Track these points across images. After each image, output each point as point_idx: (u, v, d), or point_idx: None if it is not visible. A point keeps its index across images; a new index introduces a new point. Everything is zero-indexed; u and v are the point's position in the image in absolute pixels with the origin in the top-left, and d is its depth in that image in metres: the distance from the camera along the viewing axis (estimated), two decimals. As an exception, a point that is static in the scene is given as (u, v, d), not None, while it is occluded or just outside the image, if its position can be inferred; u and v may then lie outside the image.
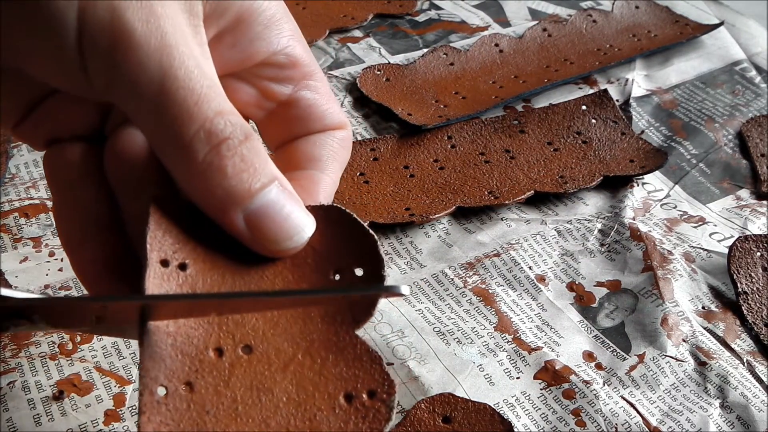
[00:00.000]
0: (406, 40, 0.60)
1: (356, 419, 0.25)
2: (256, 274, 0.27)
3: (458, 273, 0.42)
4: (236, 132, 0.25)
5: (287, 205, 0.26)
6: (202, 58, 0.25)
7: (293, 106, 0.30)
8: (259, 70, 0.30)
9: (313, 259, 0.27)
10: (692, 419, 0.35)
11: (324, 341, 0.26)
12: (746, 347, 0.39)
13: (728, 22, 0.62)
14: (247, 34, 0.28)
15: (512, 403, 0.35)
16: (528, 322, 0.39)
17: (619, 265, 0.42)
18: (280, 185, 0.26)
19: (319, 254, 0.27)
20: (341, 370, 0.25)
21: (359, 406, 0.25)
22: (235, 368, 0.25)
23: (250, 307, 0.26)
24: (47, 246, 0.42)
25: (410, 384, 0.36)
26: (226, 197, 0.25)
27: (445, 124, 0.50)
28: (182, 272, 0.26)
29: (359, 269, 0.27)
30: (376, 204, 0.45)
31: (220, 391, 0.25)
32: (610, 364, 0.37)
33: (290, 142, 0.31)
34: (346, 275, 0.27)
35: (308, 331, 0.26)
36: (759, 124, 0.53)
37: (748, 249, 0.42)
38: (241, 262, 0.27)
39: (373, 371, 0.25)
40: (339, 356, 0.25)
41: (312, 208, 0.27)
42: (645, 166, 0.48)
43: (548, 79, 0.55)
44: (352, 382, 0.25)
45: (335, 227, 0.28)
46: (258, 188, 0.25)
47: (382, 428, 0.24)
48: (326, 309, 0.26)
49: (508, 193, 0.46)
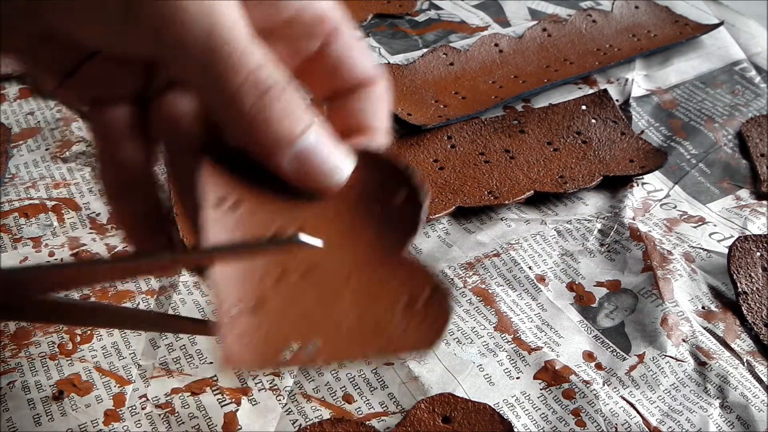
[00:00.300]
0: (405, 40, 0.60)
1: (419, 321, 0.27)
2: (302, 210, 0.29)
3: (458, 273, 0.42)
4: (279, 82, 0.27)
5: (327, 145, 0.28)
6: (239, 14, 0.27)
7: (321, 61, 0.32)
8: (286, 27, 0.31)
9: (356, 193, 0.30)
10: (692, 419, 0.35)
11: (377, 258, 0.28)
12: (746, 347, 0.39)
13: (728, 22, 0.62)
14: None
15: (512, 403, 0.35)
16: (528, 322, 0.39)
17: (619, 265, 0.42)
18: (318, 128, 0.28)
19: (359, 190, 0.29)
20: (397, 281, 0.27)
21: (420, 308, 0.27)
22: (299, 288, 0.27)
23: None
24: (47, 246, 0.42)
25: (410, 384, 0.36)
26: (273, 142, 0.27)
27: (445, 124, 0.50)
28: (235, 211, 0.28)
29: (398, 196, 0.29)
30: (375, 204, 0.45)
31: (289, 307, 0.27)
32: (610, 364, 0.37)
33: (330, 99, 0.32)
34: (386, 205, 0.29)
35: (360, 252, 0.28)
36: (759, 124, 0.53)
37: (748, 249, 0.42)
38: (287, 200, 0.29)
39: (426, 279, 0.27)
40: (393, 269, 0.28)
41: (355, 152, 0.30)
42: (645, 166, 0.48)
43: (548, 79, 0.55)
44: (409, 290, 0.27)
45: (373, 165, 0.30)
46: (300, 132, 0.28)
47: (442, 329, 0.26)
48: (372, 233, 0.29)
49: (507, 193, 0.46)
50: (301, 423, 0.34)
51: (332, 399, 0.35)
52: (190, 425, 0.34)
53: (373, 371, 0.36)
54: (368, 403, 0.35)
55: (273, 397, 0.35)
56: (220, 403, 0.35)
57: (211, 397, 0.35)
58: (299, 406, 0.35)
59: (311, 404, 0.35)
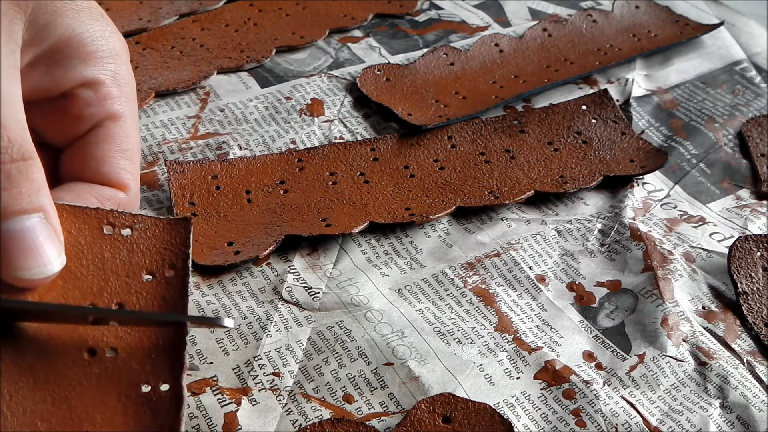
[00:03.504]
0: (406, 40, 0.60)
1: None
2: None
3: (458, 273, 0.42)
4: (11, 150, 0.26)
5: (41, 238, 0.27)
6: (5, 77, 0.27)
7: (84, 146, 0.32)
8: (61, 100, 0.31)
9: (119, 268, 0.30)
10: (692, 419, 0.35)
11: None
12: (746, 347, 0.39)
13: (728, 22, 0.62)
14: (64, 63, 0.30)
15: (512, 403, 0.35)
16: (528, 322, 0.39)
17: (619, 265, 0.42)
18: (43, 218, 0.27)
19: (123, 264, 0.30)
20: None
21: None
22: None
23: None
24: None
25: (410, 384, 0.36)
26: None
27: (446, 124, 0.50)
28: None
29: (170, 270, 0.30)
30: (376, 204, 0.45)
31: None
32: (610, 364, 0.37)
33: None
34: (156, 276, 0.30)
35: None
36: (759, 124, 0.53)
37: (748, 249, 0.42)
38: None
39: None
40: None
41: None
42: (645, 166, 0.48)
43: (548, 79, 0.55)
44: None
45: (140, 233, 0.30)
46: (16, 211, 0.26)
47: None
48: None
49: (508, 193, 0.46)
50: (301, 423, 0.34)
51: (332, 399, 0.35)
52: (190, 425, 0.34)
53: (373, 371, 0.36)
54: (368, 403, 0.35)
55: (273, 397, 0.35)
56: (220, 403, 0.35)
57: (211, 397, 0.35)
58: (299, 406, 0.35)
59: (311, 404, 0.35)
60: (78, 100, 0.31)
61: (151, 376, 0.28)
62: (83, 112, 0.31)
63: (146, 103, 0.52)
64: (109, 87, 0.31)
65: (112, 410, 0.28)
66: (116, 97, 0.32)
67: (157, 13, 0.60)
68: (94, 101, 0.31)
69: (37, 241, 0.27)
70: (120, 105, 0.32)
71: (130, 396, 0.28)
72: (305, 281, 0.41)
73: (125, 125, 0.32)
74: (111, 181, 0.32)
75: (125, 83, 0.32)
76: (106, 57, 0.31)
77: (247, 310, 0.39)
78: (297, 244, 0.43)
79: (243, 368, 0.36)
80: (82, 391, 0.28)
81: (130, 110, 0.32)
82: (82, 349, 0.28)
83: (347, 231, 0.42)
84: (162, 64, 0.55)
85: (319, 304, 0.40)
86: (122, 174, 0.32)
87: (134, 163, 0.33)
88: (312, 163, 0.47)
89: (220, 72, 0.55)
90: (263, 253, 0.41)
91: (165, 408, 0.28)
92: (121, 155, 0.32)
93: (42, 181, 0.27)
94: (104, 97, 0.31)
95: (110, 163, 0.32)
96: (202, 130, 0.50)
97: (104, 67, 0.31)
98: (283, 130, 0.51)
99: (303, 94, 0.54)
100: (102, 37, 0.31)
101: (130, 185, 0.32)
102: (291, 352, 0.37)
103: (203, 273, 0.41)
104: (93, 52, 0.31)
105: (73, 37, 0.30)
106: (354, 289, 0.40)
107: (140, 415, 0.28)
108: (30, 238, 0.27)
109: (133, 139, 0.32)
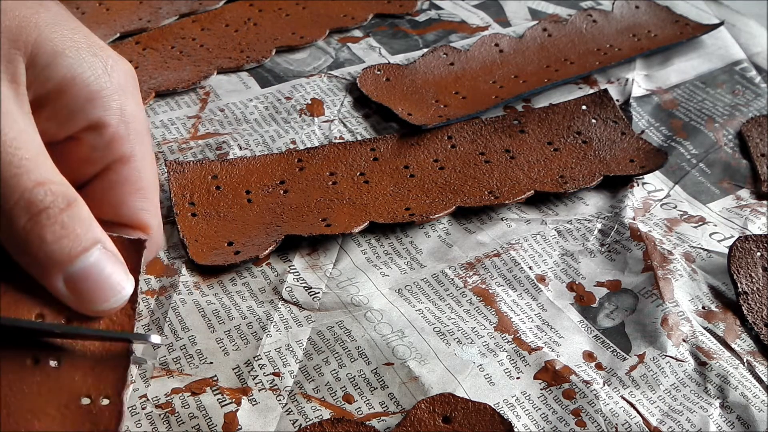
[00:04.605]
0: (406, 40, 0.60)
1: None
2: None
3: (458, 273, 0.42)
4: (57, 201, 0.27)
5: (108, 266, 0.28)
6: (24, 126, 0.27)
7: (97, 189, 0.31)
8: (72, 143, 0.30)
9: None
10: (692, 419, 0.35)
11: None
12: (746, 347, 0.39)
13: (728, 22, 0.62)
14: (67, 106, 0.29)
15: (512, 403, 0.35)
16: (528, 322, 0.39)
17: (619, 265, 0.42)
18: (103, 248, 0.28)
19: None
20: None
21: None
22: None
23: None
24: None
25: (410, 384, 0.36)
26: (46, 261, 0.27)
27: (446, 124, 0.50)
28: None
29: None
30: (376, 204, 0.45)
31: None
32: (610, 364, 0.37)
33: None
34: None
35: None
36: (759, 124, 0.53)
37: (748, 249, 0.42)
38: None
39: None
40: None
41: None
42: (645, 166, 0.48)
43: (548, 79, 0.55)
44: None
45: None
46: (78, 252, 0.27)
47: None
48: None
49: (508, 193, 0.46)
50: (301, 423, 0.34)
51: (332, 399, 0.35)
52: (190, 425, 0.34)
53: (373, 371, 0.36)
54: (368, 403, 0.35)
55: (273, 397, 0.35)
56: (220, 403, 0.35)
57: (211, 397, 0.35)
58: (299, 406, 0.35)
59: (311, 404, 0.35)
60: (84, 144, 0.30)
61: (93, 389, 0.28)
62: (91, 156, 0.30)
63: (146, 103, 0.52)
64: (116, 128, 0.30)
65: (51, 419, 0.28)
66: (123, 137, 0.30)
67: (157, 13, 0.60)
68: (100, 145, 0.30)
69: (106, 272, 0.28)
70: (128, 145, 0.31)
71: (70, 407, 0.28)
72: (305, 281, 0.41)
73: (136, 165, 0.31)
74: (130, 222, 0.31)
75: (133, 119, 0.31)
76: (110, 94, 0.30)
77: (247, 310, 0.39)
78: (297, 244, 0.43)
79: (243, 368, 0.36)
80: (23, 397, 0.28)
81: (140, 148, 0.31)
82: (27, 356, 0.28)
83: (347, 231, 0.42)
84: (162, 64, 0.55)
85: (319, 304, 0.40)
86: (140, 215, 0.31)
87: (152, 201, 0.32)
88: (312, 163, 0.47)
89: (220, 72, 0.55)
90: (263, 253, 0.41)
91: (104, 422, 0.28)
92: (136, 196, 0.31)
93: (89, 214, 0.28)
94: (111, 139, 0.30)
95: (126, 206, 0.31)
96: (202, 130, 0.50)
97: (109, 107, 0.30)
98: (283, 130, 0.51)
99: (303, 94, 0.54)
100: (105, 73, 0.30)
101: (150, 224, 0.32)
102: (291, 352, 0.37)
103: (203, 273, 0.41)
104: (96, 92, 0.30)
105: (75, 77, 0.29)
106: (354, 289, 0.40)
107: (78, 427, 0.28)
108: (98, 271, 0.28)
109: (147, 176, 0.32)
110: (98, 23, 0.59)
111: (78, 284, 0.27)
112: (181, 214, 0.44)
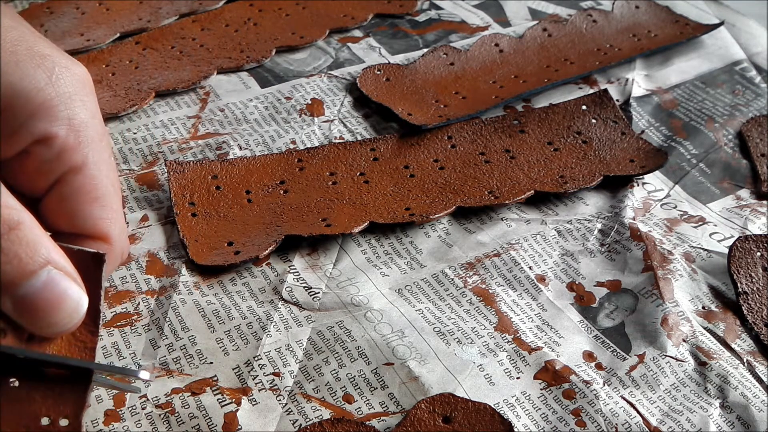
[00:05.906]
0: (406, 40, 0.60)
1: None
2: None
3: (458, 273, 0.42)
4: (3, 224, 0.26)
5: (58, 286, 0.27)
6: None
7: (53, 200, 0.30)
8: (22, 159, 0.30)
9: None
10: (692, 419, 0.35)
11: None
12: (746, 347, 0.39)
13: (728, 22, 0.62)
14: (11, 123, 0.29)
15: (512, 403, 0.35)
16: (528, 322, 0.39)
17: (619, 265, 0.42)
18: (52, 268, 0.27)
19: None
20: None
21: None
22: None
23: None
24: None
25: (410, 384, 0.36)
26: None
27: (445, 124, 0.50)
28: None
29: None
30: (376, 204, 0.45)
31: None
32: (610, 364, 0.37)
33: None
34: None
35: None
36: (759, 124, 0.53)
37: (748, 249, 0.42)
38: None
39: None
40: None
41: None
42: (645, 166, 0.48)
43: (548, 79, 0.55)
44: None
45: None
46: (25, 276, 0.26)
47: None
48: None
49: (508, 193, 0.46)
50: (301, 423, 0.34)
51: (332, 399, 0.35)
52: (190, 425, 0.34)
53: (373, 371, 0.36)
54: (368, 403, 0.35)
55: (273, 397, 0.35)
56: (220, 403, 0.35)
57: (211, 397, 0.35)
58: (299, 406, 0.35)
59: (311, 404, 0.35)
60: (35, 157, 0.29)
61: (52, 410, 0.28)
62: (42, 168, 0.29)
63: (146, 103, 0.52)
64: (65, 138, 0.29)
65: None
66: (74, 146, 0.29)
67: (157, 13, 0.60)
68: (50, 157, 0.29)
69: (56, 293, 0.27)
70: (80, 154, 0.30)
71: (30, 427, 0.28)
72: (305, 281, 0.41)
73: (90, 173, 0.30)
74: (89, 232, 0.30)
75: (84, 126, 0.30)
76: (56, 105, 0.29)
77: (247, 310, 0.39)
78: (297, 244, 0.43)
79: (243, 368, 0.36)
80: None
81: (93, 155, 0.30)
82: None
83: (347, 231, 0.42)
84: (162, 64, 0.55)
85: (319, 304, 0.40)
86: (99, 224, 0.30)
87: (110, 208, 0.31)
88: (312, 163, 0.47)
89: (220, 72, 0.55)
90: (263, 253, 0.41)
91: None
92: (93, 205, 0.30)
93: (36, 236, 0.27)
94: (61, 150, 0.29)
95: (83, 216, 0.30)
96: (202, 130, 0.50)
97: (56, 117, 0.29)
98: (283, 130, 0.51)
99: (303, 94, 0.54)
100: (49, 84, 0.29)
101: (111, 233, 0.31)
102: (291, 352, 0.37)
103: (203, 273, 0.41)
104: (40, 104, 0.29)
105: (16, 93, 0.28)
106: (354, 289, 0.40)
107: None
108: (47, 293, 0.27)
109: (103, 184, 0.31)
110: (98, 23, 0.59)
111: (26, 307, 0.27)
112: (181, 214, 0.44)
